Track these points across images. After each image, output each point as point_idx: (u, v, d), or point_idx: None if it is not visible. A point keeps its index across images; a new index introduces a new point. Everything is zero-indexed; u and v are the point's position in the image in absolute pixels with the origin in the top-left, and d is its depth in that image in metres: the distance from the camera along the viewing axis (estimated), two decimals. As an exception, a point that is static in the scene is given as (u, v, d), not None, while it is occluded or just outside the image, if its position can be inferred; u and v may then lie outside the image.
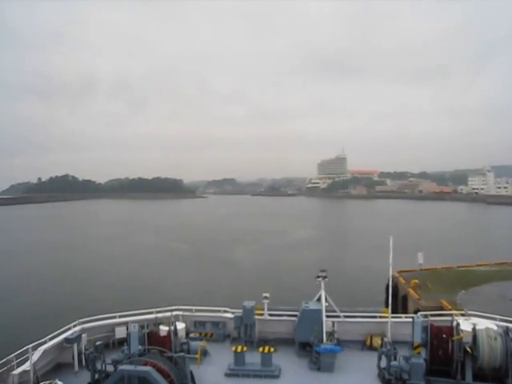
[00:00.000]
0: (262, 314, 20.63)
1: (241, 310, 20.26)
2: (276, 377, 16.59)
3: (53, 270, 61.37)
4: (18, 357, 15.06)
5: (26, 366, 15.03)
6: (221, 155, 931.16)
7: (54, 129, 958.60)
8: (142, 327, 17.36)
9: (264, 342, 19.25)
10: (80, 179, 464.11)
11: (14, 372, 14.67)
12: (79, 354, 17.27)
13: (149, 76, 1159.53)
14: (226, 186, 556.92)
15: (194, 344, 17.88)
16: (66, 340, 17.25)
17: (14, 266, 64.34)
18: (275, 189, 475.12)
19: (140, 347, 15.64)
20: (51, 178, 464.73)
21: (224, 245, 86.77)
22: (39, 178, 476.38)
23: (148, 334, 17.29)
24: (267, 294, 20.49)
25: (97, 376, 15.47)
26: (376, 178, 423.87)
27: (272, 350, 17.22)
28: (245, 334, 20.12)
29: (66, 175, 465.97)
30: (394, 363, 15.50)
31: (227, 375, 16.83)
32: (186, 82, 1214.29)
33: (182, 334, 19.16)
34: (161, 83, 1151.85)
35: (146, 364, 13.32)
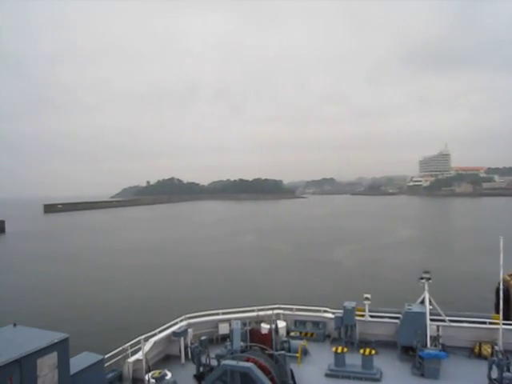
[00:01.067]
0: (362, 315, 20.15)
1: (341, 311, 19.94)
2: (377, 380, 16.12)
3: (161, 267, 64.82)
4: (132, 346, 16.21)
5: (139, 356, 16.13)
6: (320, 155, 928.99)
7: (161, 134, 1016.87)
8: (244, 324, 17.97)
9: (365, 343, 18.84)
10: (185, 182, 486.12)
11: (129, 360, 15.87)
12: (185, 348, 18.12)
13: (248, 79, 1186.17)
14: (325, 186, 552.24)
15: (295, 343, 18.13)
16: (174, 334, 18.24)
17: (132, 263, 68.77)
18: (375, 188, 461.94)
19: (242, 344, 16.20)
20: (158, 181, 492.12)
21: (324, 245, 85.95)
22: (148, 182, 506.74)
23: (250, 331, 17.86)
24: (368, 295, 20.02)
25: (201, 369, 16.21)
26: (483, 175, 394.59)
27: (373, 352, 16.72)
28: (345, 334, 19.82)
29: (172, 178, 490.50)
30: (507, 375, 14.27)
31: (327, 375, 16.64)
32: (284, 83, 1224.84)
33: (282, 332, 19.47)
34: (259, 86, 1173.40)
35: (247, 360, 13.60)
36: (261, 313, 20.64)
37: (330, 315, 20.98)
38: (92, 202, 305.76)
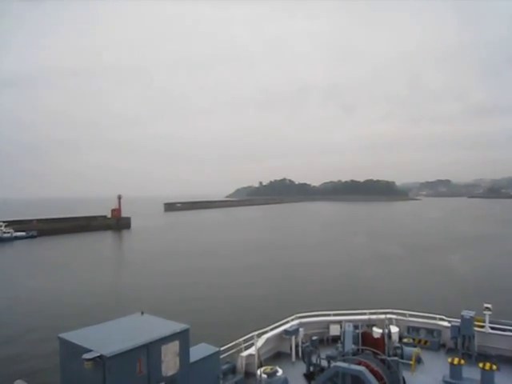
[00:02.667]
0: (482, 326, 18.62)
1: (458, 320, 18.57)
2: None
3: (272, 266, 65.97)
4: (245, 341, 16.79)
5: (252, 351, 16.45)
6: (435, 155, 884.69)
7: (273, 136, 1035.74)
8: (355, 327, 17.78)
9: (484, 357, 17.18)
10: (296, 182, 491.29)
11: (242, 354, 16.33)
12: (296, 346, 18.23)
13: (358, 78, 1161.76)
14: (440, 188, 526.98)
15: (408, 349, 17.44)
16: (286, 332, 18.36)
17: (243, 262, 70.93)
18: (495, 190, 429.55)
19: (353, 346, 16.04)
20: (270, 181, 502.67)
21: (438, 249, 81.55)
22: (260, 182, 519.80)
23: (362, 334, 17.62)
24: (489, 305, 18.45)
25: (311, 368, 16.28)
26: None
27: (494, 367, 15.12)
28: (462, 345, 18.40)
29: (284, 179, 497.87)
30: None
31: None
32: (396, 81, 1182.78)
33: (395, 337, 18.90)
34: (371, 85, 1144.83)
35: (359, 363, 13.33)
36: (372, 316, 20.13)
37: (445, 323, 19.82)
38: (208, 201, 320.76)
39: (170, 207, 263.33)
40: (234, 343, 16.53)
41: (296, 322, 19.63)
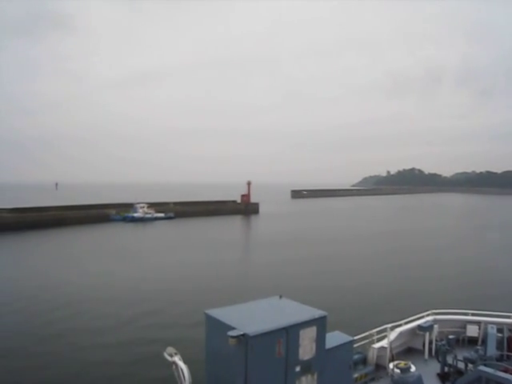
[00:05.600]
0: None
1: None
2: None
3: (408, 254, 64.04)
4: (378, 333, 16.59)
5: (384, 343, 16.27)
6: None
7: (402, 124, 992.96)
8: (498, 330, 16.60)
9: None
10: (425, 172, 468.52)
11: (374, 346, 16.18)
12: (429, 343, 17.62)
13: (497, 61, 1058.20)
14: None
15: None
16: (419, 327, 17.72)
17: (371, 251, 69.94)
18: None
19: (496, 351, 14.95)
20: (399, 171, 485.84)
21: None
22: (388, 172, 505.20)
23: (507, 339, 16.39)
24: None
25: (446, 369, 15.55)
26: None
27: None
28: None
29: (413, 169, 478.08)
30: None
31: None
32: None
33: None
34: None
35: (505, 371, 12.40)
36: None
37: None
38: (333, 189, 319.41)
39: (296, 194, 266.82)
40: (366, 334, 16.42)
41: (431, 317, 18.87)
